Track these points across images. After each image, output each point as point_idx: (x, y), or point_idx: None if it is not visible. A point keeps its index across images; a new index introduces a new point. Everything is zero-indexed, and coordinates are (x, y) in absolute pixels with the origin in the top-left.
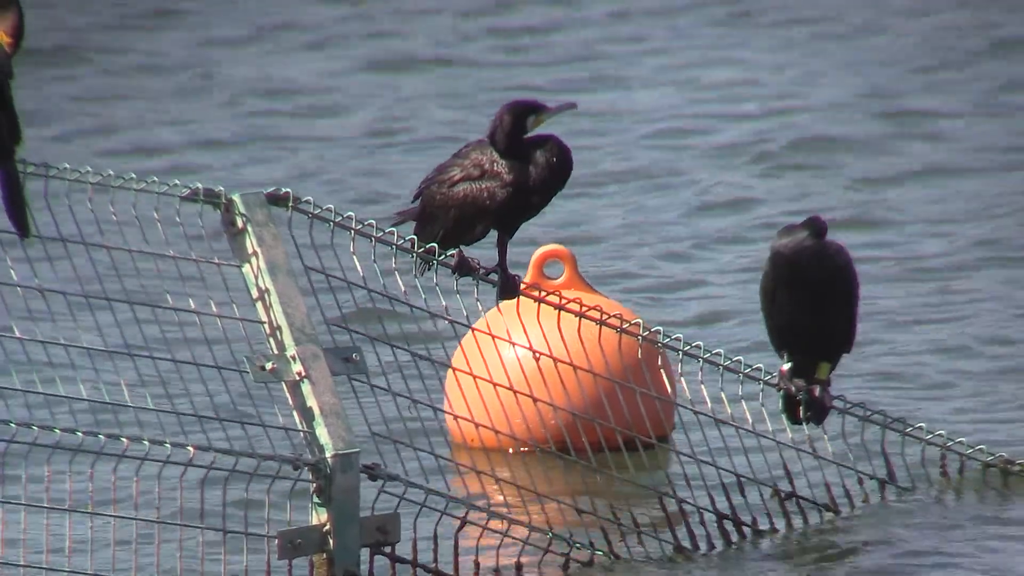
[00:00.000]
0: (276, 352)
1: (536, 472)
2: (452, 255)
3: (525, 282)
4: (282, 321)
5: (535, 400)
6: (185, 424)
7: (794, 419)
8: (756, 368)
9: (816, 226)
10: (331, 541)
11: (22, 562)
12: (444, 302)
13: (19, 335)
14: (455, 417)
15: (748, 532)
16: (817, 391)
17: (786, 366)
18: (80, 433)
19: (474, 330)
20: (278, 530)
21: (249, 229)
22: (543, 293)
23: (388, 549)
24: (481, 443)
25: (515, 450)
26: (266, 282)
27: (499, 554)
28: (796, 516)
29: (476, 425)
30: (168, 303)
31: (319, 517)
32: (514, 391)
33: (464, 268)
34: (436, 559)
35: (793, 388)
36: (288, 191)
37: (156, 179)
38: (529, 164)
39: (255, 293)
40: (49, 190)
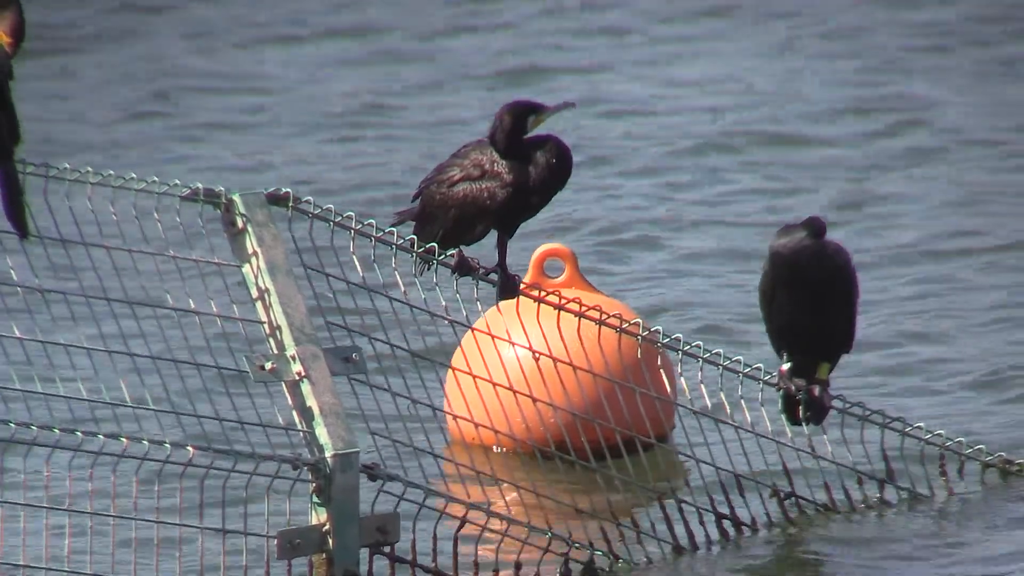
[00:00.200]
0: (276, 352)
1: (536, 472)
2: (452, 255)
3: (525, 282)
4: (282, 321)
5: (535, 400)
6: (185, 424)
7: (794, 419)
8: (756, 368)
9: (815, 226)
10: (331, 541)
11: (22, 562)
12: (444, 302)
13: (19, 335)
14: (455, 417)
15: (747, 532)
16: (817, 391)
17: (786, 366)
18: (80, 433)
19: (474, 330)
20: (278, 530)
21: (249, 229)
22: (543, 293)
23: (388, 549)
24: (481, 443)
25: (515, 450)
26: (266, 282)
27: (499, 554)
28: (796, 516)
29: (476, 425)
30: (168, 303)
31: (319, 517)
32: (514, 391)
33: (464, 268)
34: (436, 559)
35: (793, 388)
36: (288, 191)
37: (156, 179)
38: (529, 164)
39: (255, 293)
40: (49, 190)
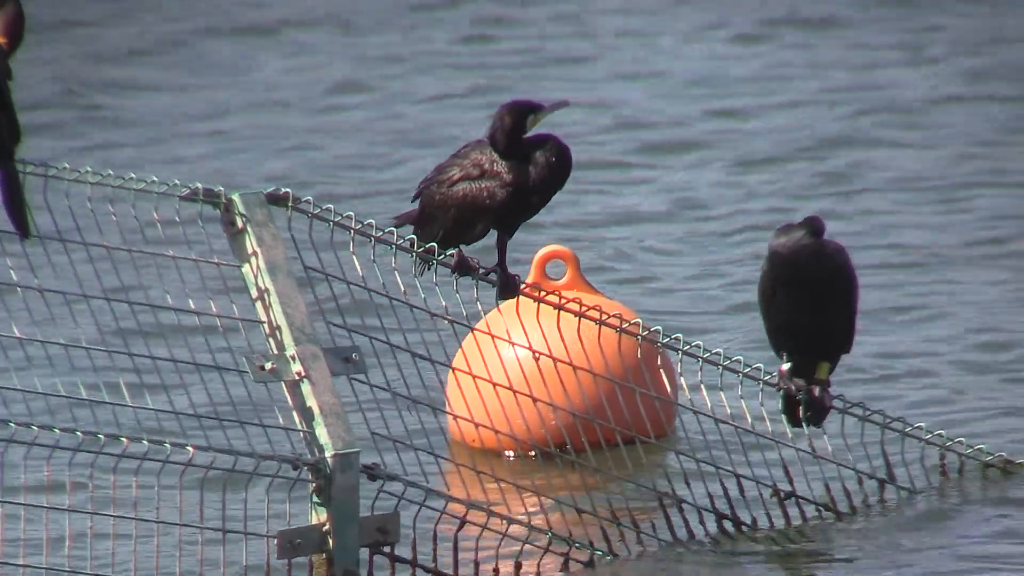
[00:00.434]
0: (276, 352)
1: (536, 472)
2: (452, 255)
3: (525, 282)
4: (282, 321)
5: (535, 400)
6: (185, 424)
7: (794, 419)
8: (756, 368)
9: (814, 225)
10: (331, 541)
11: (22, 562)
12: (444, 302)
13: (19, 335)
14: (455, 417)
15: (747, 532)
16: (817, 391)
17: (786, 366)
18: (80, 433)
19: (474, 330)
20: (278, 530)
21: (249, 229)
22: (543, 293)
23: (387, 549)
24: (481, 443)
25: (515, 451)
26: (266, 282)
27: (499, 554)
28: (796, 516)
29: (476, 425)
30: (168, 303)
31: (319, 517)
32: (514, 391)
33: (464, 268)
34: (436, 559)
35: (793, 388)
36: (288, 191)
37: (156, 179)
38: (529, 164)
39: (255, 293)
40: (49, 190)
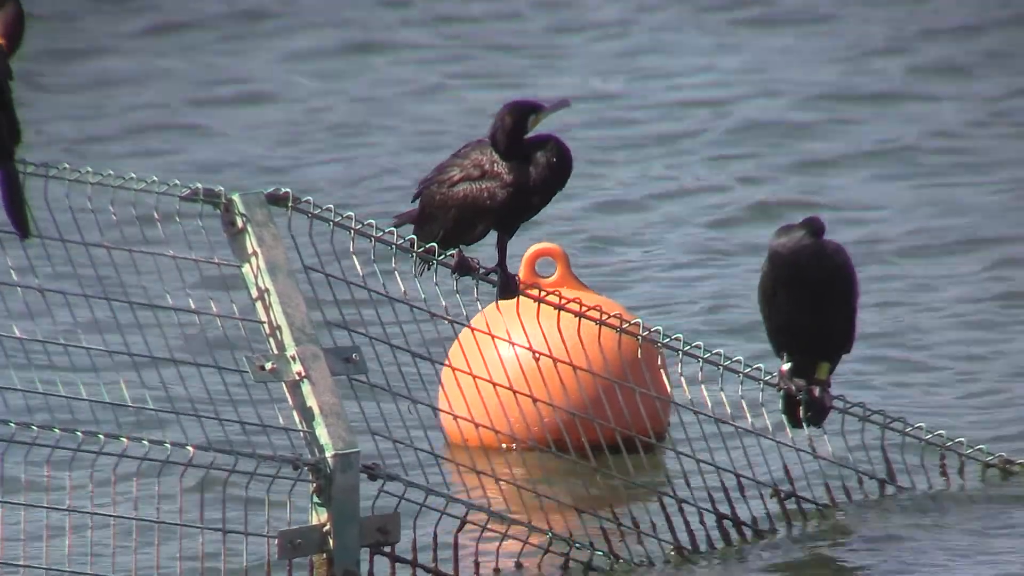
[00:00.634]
0: (276, 352)
1: (536, 472)
2: (452, 255)
3: (523, 280)
4: (282, 321)
5: (535, 400)
6: (185, 424)
7: (794, 420)
8: (756, 368)
9: (814, 226)
10: (331, 541)
11: (22, 562)
12: (444, 302)
13: (19, 335)
14: (455, 417)
15: (748, 532)
16: (817, 391)
17: (786, 366)
18: (80, 433)
19: (473, 330)
20: (278, 530)
21: (249, 229)
22: (542, 293)
23: (388, 549)
24: (481, 442)
25: (512, 447)
26: (266, 282)
27: (499, 554)
28: (796, 516)
29: (476, 425)
30: (168, 303)
31: (319, 517)
32: (513, 391)
33: (464, 268)
34: (436, 559)
35: (793, 388)
36: (288, 191)
37: (156, 179)
38: (529, 164)
39: (255, 293)
40: (49, 190)
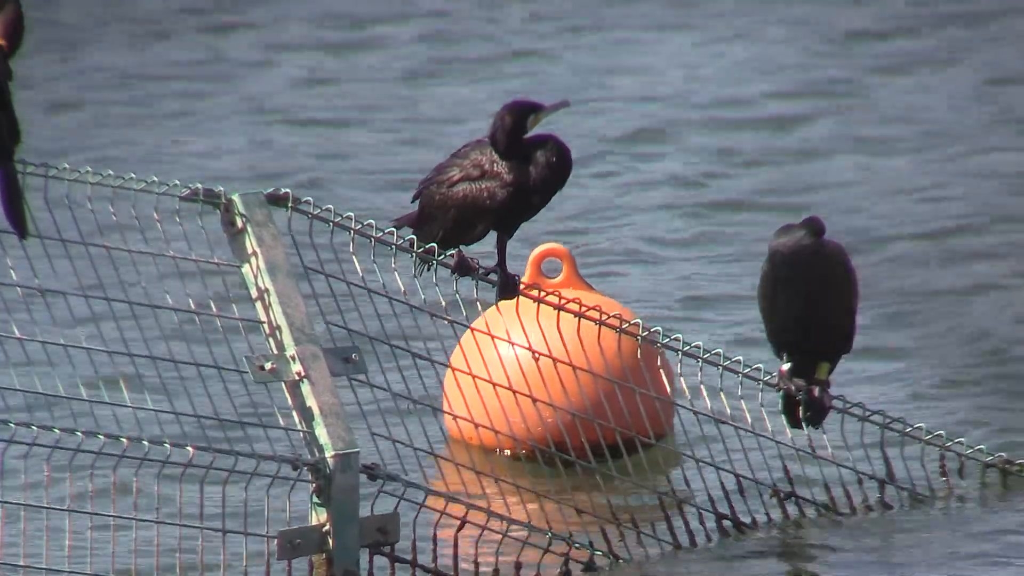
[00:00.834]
0: (276, 352)
1: (536, 472)
2: (451, 255)
3: (524, 282)
4: (282, 321)
5: (535, 400)
6: (185, 424)
7: (794, 420)
8: (756, 368)
9: (814, 226)
10: (330, 541)
11: (22, 562)
12: (444, 302)
13: (19, 335)
14: (455, 417)
15: (747, 532)
16: (816, 391)
17: (786, 366)
18: (80, 433)
19: (473, 330)
20: (278, 530)
21: (249, 229)
22: (542, 293)
23: (387, 549)
24: (481, 443)
25: (513, 451)
26: (266, 282)
27: (499, 554)
28: (795, 516)
29: (476, 426)
30: (168, 303)
31: (319, 517)
32: (513, 391)
33: (463, 268)
34: (436, 559)
35: (793, 388)
36: (288, 191)
37: (156, 179)
38: (529, 164)
39: (255, 293)
40: (49, 190)
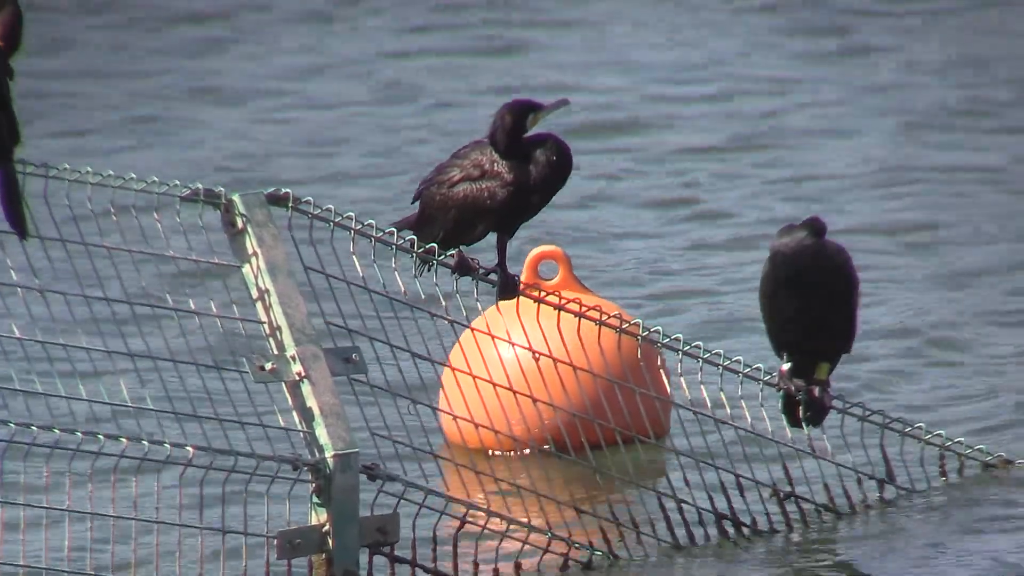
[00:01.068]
0: (276, 352)
1: (536, 472)
2: (452, 255)
3: (524, 282)
4: (282, 321)
5: (535, 401)
6: (184, 424)
7: (794, 419)
8: (756, 368)
9: (815, 226)
10: (330, 541)
11: (22, 562)
12: (444, 302)
13: (19, 335)
14: (455, 418)
15: (747, 532)
16: (816, 391)
17: (786, 366)
18: (80, 433)
19: (474, 330)
20: (277, 530)
21: (249, 229)
22: (542, 293)
23: (387, 549)
24: (481, 443)
25: (514, 451)
26: (266, 282)
27: (498, 554)
28: (795, 516)
29: (476, 426)
30: (168, 303)
31: (318, 517)
32: (513, 391)
33: (464, 268)
34: (435, 559)
35: (793, 388)
36: (288, 191)
37: (156, 179)
38: (529, 163)
39: (255, 293)
40: (49, 190)
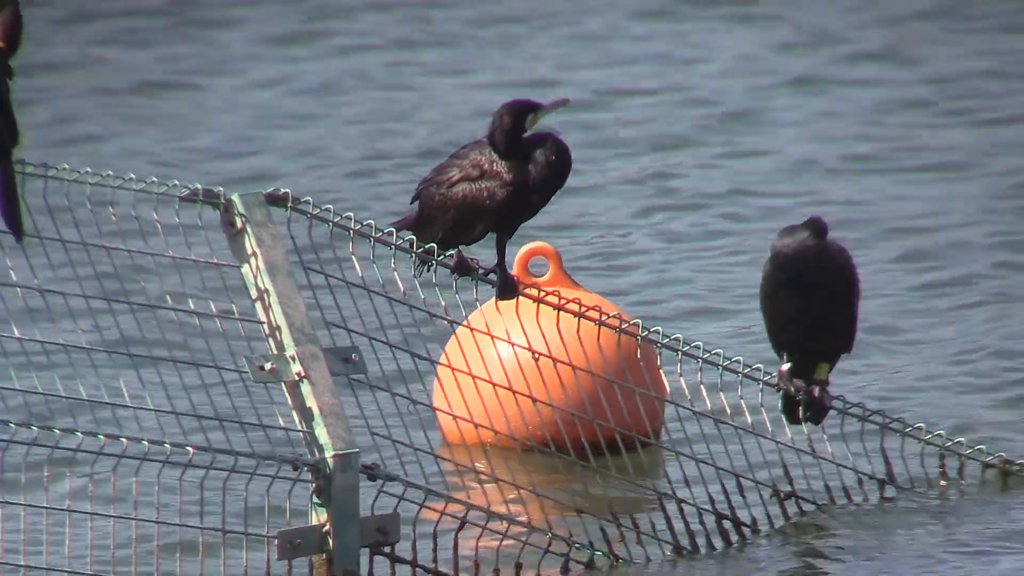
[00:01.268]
0: (275, 352)
1: (536, 472)
2: (451, 255)
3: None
4: (281, 321)
5: (534, 400)
6: (184, 424)
7: (793, 419)
8: (756, 368)
9: (817, 226)
10: (331, 541)
11: (22, 562)
12: (443, 302)
13: (19, 335)
14: (454, 417)
15: (747, 532)
16: (816, 391)
17: (786, 366)
18: (80, 433)
19: (473, 330)
20: (278, 530)
21: (248, 229)
22: (542, 293)
23: (388, 549)
24: (480, 442)
25: (512, 448)
26: (265, 282)
27: (499, 554)
28: (795, 516)
29: (475, 425)
30: (168, 303)
31: (319, 517)
32: (512, 390)
33: (463, 268)
34: (436, 559)
35: (792, 388)
36: (287, 191)
37: (155, 179)
38: (528, 163)
39: (254, 293)
40: (48, 190)
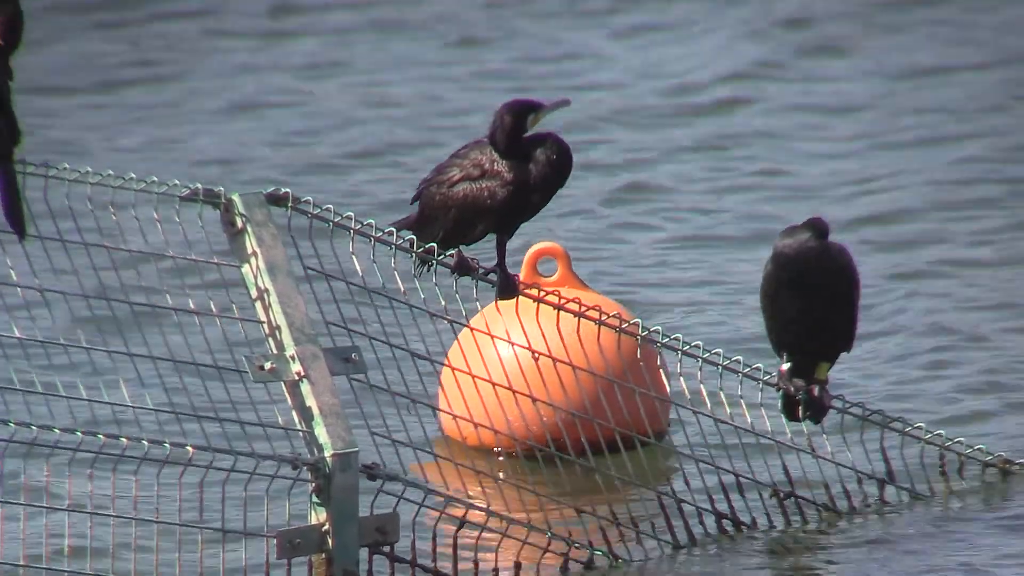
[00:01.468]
0: (275, 352)
1: (536, 472)
2: (451, 255)
3: (522, 280)
4: (281, 321)
5: (534, 400)
6: (184, 424)
7: (793, 419)
8: (755, 368)
9: (818, 227)
10: (330, 541)
11: (22, 562)
12: (443, 302)
13: (19, 335)
14: (454, 417)
15: (747, 532)
16: (816, 391)
17: (786, 366)
18: (80, 433)
19: (473, 329)
20: (277, 530)
21: (248, 229)
22: (542, 292)
23: (387, 549)
24: (480, 442)
25: (511, 450)
26: (265, 282)
27: (498, 554)
28: (795, 516)
29: (476, 425)
30: (168, 303)
31: (318, 517)
32: (512, 390)
33: (463, 268)
34: (435, 559)
35: (792, 388)
36: (288, 191)
37: (156, 179)
38: (529, 163)
39: (254, 293)
40: (48, 190)
